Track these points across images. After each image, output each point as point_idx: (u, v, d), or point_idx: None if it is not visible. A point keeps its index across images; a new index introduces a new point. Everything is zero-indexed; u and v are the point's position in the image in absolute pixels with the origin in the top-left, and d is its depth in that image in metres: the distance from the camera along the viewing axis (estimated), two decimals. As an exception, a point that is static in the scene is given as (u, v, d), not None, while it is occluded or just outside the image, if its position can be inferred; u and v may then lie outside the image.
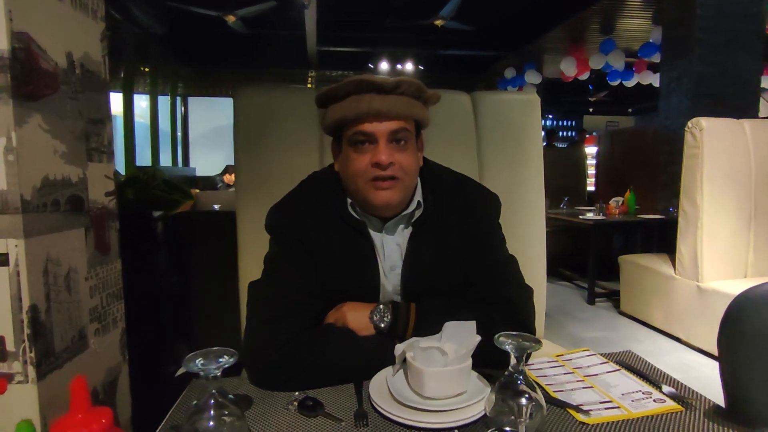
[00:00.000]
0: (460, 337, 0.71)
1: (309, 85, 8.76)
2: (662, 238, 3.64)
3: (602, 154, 5.09)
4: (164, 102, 7.88)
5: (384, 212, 0.86)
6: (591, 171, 5.46)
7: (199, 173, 7.12)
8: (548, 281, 1.37)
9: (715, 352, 2.61)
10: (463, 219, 0.89)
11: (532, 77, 7.21)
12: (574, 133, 11.75)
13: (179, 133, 8.56)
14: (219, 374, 0.54)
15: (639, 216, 3.82)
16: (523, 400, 0.48)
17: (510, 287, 0.86)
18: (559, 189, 4.61)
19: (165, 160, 7.55)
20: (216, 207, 3.71)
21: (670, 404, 0.69)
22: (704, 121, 2.53)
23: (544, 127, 9.73)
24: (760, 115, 4.11)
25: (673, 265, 2.84)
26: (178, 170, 7.30)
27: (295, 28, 6.09)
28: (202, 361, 0.54)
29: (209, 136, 9.18)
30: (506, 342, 0.60)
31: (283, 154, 1.24)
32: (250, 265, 1.19)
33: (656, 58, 5.20)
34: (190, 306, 2.12)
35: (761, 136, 2.61)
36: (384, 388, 0.70)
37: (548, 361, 0.85)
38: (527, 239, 1.33)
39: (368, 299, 0.87)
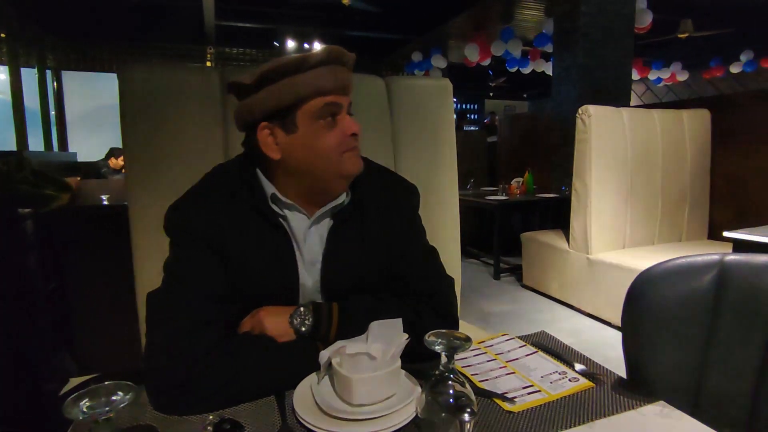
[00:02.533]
0: (386, 337, 0.68)
1: (208, 63, 8.09)
2: (557, 215, 4.00)
3: (502, 137, 5.42)
4: (30, 76, 6.75)
5: (347, 183, 0.83)
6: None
7: (81, 159, 6.24)
8: (457, 260, 1.42)
9: (602, 316, 2.91)
10: (384, 211, 0.86)
11: (439, 62, 7.43)
12: (476, 116, 12.43)
13: (53, 113, 7.42)
14: (112, 416, 0.45)
15: (537, 195, 4.15)
16: (466, 416, 0.47)
17: (434, 280, 0.86)
18: (467, 172, 4.83)
19: (36, 144, 6.51)
20: (104, 197, 3.30)
21: (583, 382, 0.73)
22: (592, 109, 2.79)
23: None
24: (631, 104, 4.65)
25: (567, 239, 3.13)
26: (54, 156, 6.33)
27: (190, -1, 5.55)
28: (88, 404, 0.44)
29: (91, 116, 8.05)
30: (436, 342, 0.58)
31: (181, 142, 1.10)
32: (147, 265, 1.06)
33: (549, 48, 5.61)
34: (75, 314, 1.86)
35: (635, 123, 2.94)
36: (309, 398, 0.66)
37: (472, 349, 0.86)
38: (442, 224, 1.35)
39: (287, 297, 0.81)
